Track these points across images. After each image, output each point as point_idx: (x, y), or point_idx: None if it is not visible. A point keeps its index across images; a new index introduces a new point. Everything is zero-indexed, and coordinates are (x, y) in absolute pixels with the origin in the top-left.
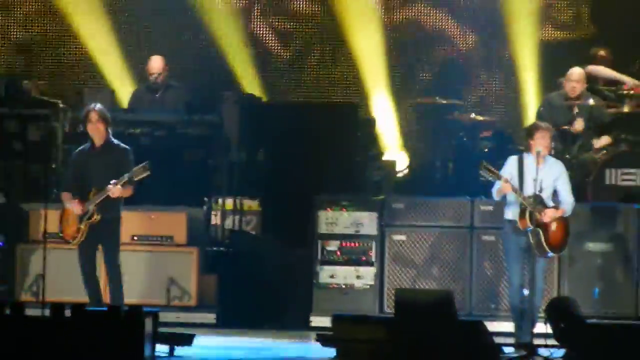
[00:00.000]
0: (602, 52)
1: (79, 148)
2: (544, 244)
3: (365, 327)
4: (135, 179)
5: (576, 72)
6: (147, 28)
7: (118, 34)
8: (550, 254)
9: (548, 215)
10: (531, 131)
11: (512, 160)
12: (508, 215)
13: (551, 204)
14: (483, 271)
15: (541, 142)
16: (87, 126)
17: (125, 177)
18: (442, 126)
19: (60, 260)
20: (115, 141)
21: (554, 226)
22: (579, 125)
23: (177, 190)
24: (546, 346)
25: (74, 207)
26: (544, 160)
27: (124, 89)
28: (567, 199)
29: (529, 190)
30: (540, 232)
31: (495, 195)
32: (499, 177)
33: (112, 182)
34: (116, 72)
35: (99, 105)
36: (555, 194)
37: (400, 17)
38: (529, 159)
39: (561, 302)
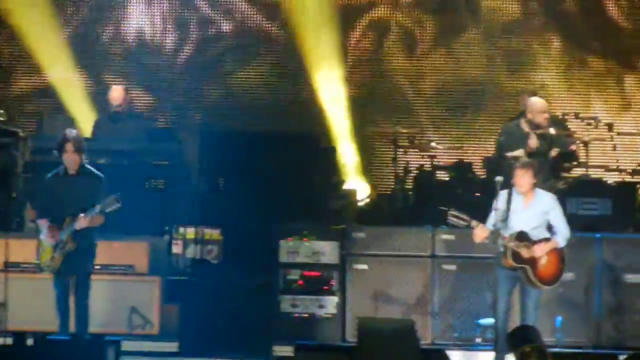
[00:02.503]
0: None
1: (52, 172)
2: (533, 279)
3: (327, 356)
4: (107, 211)
5: (540, 102)
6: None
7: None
8: (545, 287)
9: (537, 251)
10: (511, 168)
11: (501, 196)
12: (501, 247)
13: (543, 236)
14: (445, 300)
15: (519, 181)
16: (62, 155)
17: (97, 208)
18: (403, 155)
19: (22, 289)
20: (89, 167)
21: (544, 260)
22: (533, 142)
23: (138, 219)
24: None
25: (48, 238)
26: (532, 194)
27: (84, 117)
28: (561, 230)
29: (515, 226)
30: (528, 269)
31: (476, 241)
32: (469, 223)
33: (81, 214)
34: (76, 100)
35: (74, 134)
36: (550, 226)
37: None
38: (516, 195)
39: (523, 331)
